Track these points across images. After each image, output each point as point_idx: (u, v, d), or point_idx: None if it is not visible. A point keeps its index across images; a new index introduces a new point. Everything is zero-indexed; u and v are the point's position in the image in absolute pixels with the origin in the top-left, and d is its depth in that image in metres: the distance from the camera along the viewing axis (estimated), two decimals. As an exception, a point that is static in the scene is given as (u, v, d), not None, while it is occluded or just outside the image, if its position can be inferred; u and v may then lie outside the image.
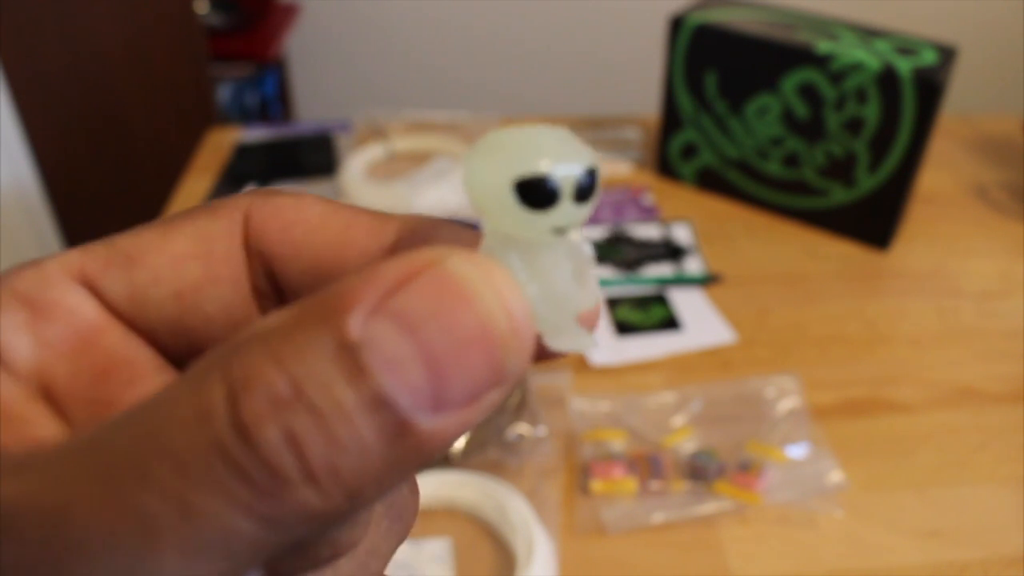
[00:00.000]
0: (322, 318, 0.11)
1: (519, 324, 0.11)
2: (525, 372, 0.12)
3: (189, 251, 0.14)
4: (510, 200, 0.13)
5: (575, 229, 0.13)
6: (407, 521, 0.16)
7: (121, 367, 0.14)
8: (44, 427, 0.13)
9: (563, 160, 0.13)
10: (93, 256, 0.14)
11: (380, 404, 0.10)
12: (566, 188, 0.13)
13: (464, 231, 0.15)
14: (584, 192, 0.13)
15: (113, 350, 0.14)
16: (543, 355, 0.14)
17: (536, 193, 0.12)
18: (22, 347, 0.13)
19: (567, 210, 0.13)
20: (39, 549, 0.10)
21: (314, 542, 0.13)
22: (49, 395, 0.13)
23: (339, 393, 0.10)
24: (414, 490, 0.16)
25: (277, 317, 0.11)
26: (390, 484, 0.11)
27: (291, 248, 0.14)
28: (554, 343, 0.14)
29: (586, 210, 0.13)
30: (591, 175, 0.13)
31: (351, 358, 0.10)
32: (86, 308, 0.14)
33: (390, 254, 0.14)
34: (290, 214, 0.15)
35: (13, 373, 0.13)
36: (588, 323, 0.14)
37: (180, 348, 0.15)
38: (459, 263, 0.11)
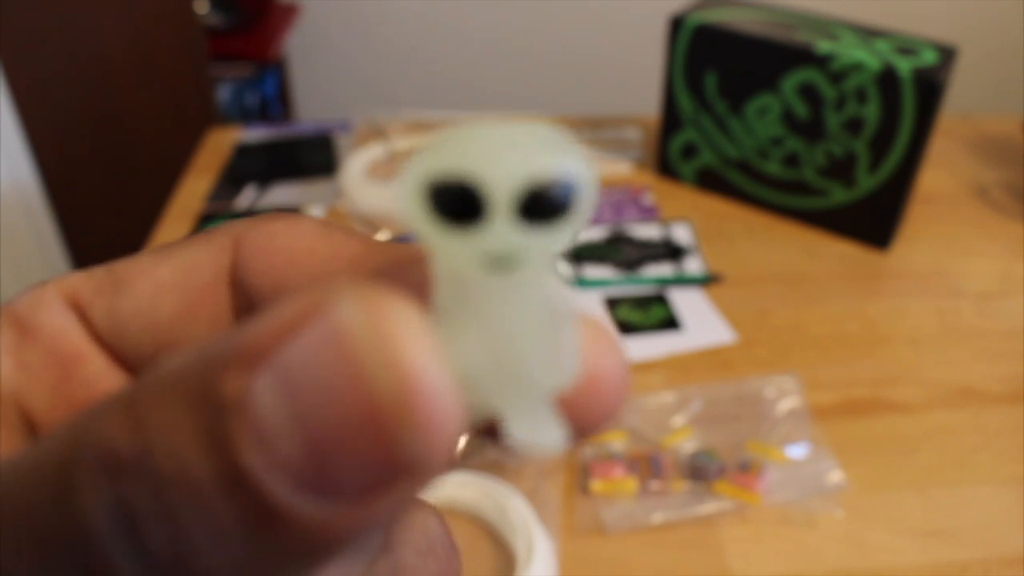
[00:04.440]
0: (199, 369, 0.09)
1: (421, 394, 0.08)
2: (447, 463, 0.09)
3: (171, 281, 0.13)
4: (423, 209, 0.09)
5: (543, 270, 0.09)
6: None
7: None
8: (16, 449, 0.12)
9: (505, 157, 0.09)
10: (90, 280, 0.13)
11: (239, 480, 0.08)
12: (499, 196, 0.09)
13: None
14: (533, 206, 0.09)
15: (93, 381, 0.13)
16: (499, 441, 0.10)
17: (446, 198, 0.09)
18: (5, 368, 0.12)
19: (502, 230, 0.09)
20: None
21: None
22: (30, 423, 0.12)
23: (191, 463, 0.08)
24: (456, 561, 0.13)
25: (174, 360, 0.09)
26: None
27: (271, 280, 0.13)
28: (514, 429, 0.10)
29: (546, 237, 0.09)
30: (564, 188, 0.09)
31: (212, 421, 0.08)
32: (71, 334, 0.13)
33: None
34: (279, 241, 0.13)
35: None
36: (567, 410, 0.10)
37: None
38: (350, 307, 0.09)
